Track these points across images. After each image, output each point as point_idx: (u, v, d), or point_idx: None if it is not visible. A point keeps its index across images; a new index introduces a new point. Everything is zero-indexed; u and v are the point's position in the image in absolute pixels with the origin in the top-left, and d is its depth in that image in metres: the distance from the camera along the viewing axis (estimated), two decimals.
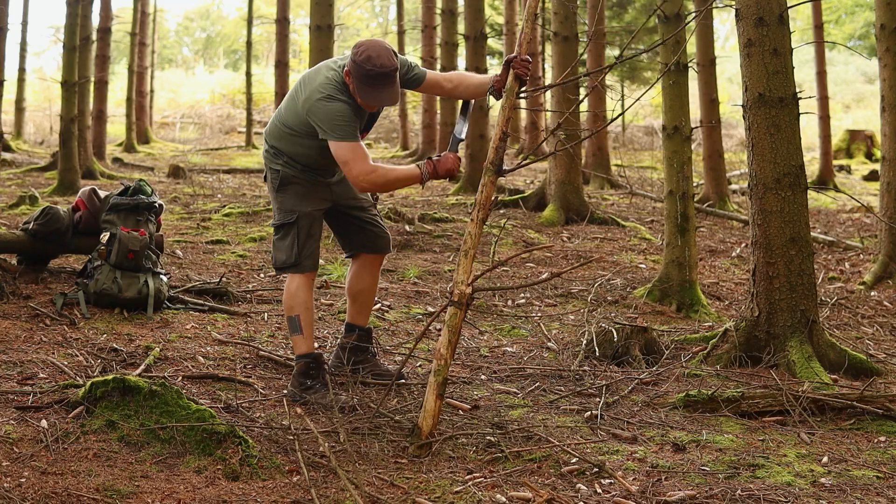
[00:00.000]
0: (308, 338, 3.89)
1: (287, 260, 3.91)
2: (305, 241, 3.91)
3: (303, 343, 3.89)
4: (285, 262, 3.92)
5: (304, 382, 3.85)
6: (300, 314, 3.87)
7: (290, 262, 3.91)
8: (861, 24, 34.77)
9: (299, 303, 3.89)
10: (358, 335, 4.19)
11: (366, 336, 4.22)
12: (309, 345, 3.90)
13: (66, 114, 10.30)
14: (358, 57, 3.64)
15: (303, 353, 3.89)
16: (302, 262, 3.91)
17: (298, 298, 3.89)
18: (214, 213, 9.20)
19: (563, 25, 9.55)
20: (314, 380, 3.85)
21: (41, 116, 23.59)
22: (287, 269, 3.94)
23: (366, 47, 3.66)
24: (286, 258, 3.91)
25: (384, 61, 3.63)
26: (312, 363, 3.88)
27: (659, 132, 9.54)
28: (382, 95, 3.69)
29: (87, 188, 5.65)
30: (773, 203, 4.58)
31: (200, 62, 47.28)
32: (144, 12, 21.87)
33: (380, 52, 3.65)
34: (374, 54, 3.63)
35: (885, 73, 6.87)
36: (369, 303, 4.23)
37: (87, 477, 2.92)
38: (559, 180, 9.56)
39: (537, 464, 3.19)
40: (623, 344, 4.67)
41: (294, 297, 3.90)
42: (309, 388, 3.83)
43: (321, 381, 3.84)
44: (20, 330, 4.57)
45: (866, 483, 3.08)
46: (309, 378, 3.85)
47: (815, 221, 10.48)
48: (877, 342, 5.28)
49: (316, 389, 3.82)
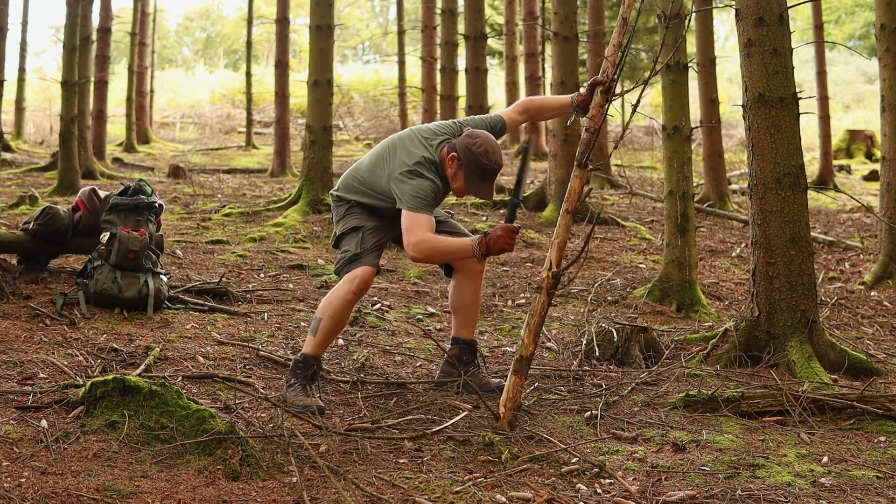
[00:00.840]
0: (317, 343, 3.89)
1: (350, 252, 3.87)
2: (369, 237, 3.90)
3: (310, 344, 3.91)
4: (346, 258, 3.87)
5: (289, 379, 3.91)
6: (324, 320, 3.85)
7: (354, 254, 3.86)
8: (861, 24, 34.77)
9: (331, 310, 3.85)
10: (460, 349, 4.18)
11: (468, 349, 4.18)
12: (314, 349, 3.90)
13: (66, 114, 10.30)
14: (477, 149, 3.79)
15: (304, 352, 3.92)
16: (364, 254, 3.86)
17: (333, 306, 3.85)
18: (214, 213, 9.20)
19: (563, 25, 9.55)
20: (297, 379, 3.88)
21: (41, 116, 23.59)
22: (351, 263, 3.86)
23: (483, 141, 3.81)
24: (350, 250, 3.87)
25: (498, 159, 3.83)
26: (302, 363, 3.90)
27: (659, 132, 9.54)
28: (488, 189, 3.86)
29: (87, 188, 5.65)
30: (773, 203, 4.58)
31: (200, 62, 47.29)
32: (144, 12, 21.86)
33: (496, 148, 3.83)
34: (492, 150, 3.81)
35: (885, 73, 6.88)
36: (472, 315, 4.18)
37: (87, 477, 2.92)
38: (559, 180, 9.56)
39: (537, 464, 3.20)
40: (623, 344, 4.67)
41: (331, 303, 3.86)
42: (291, 385, 3.88)
43: (301, 382, 3.86)
44: (20, 330, 4.57)
45: (866, 483, 3.08)
46: (294, 376, 3.90)
47: (815, 221, 10.48)
48: (877, 342, 5.28)
49: (294, 388, 3.86)
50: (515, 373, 3.56)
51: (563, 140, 9.56)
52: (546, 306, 3.59)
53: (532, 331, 3.56)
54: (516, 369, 3.56)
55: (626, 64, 4.86)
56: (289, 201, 9.56)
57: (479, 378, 4.13)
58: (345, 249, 3.93)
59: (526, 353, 3.56)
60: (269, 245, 7.52)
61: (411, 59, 20.29)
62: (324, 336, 3.87)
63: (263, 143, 22.18)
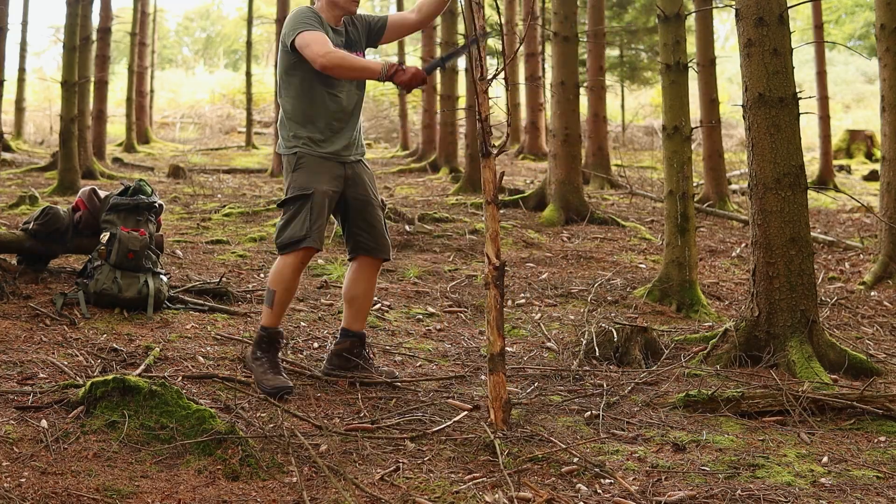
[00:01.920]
0: (275, 315, 4.02)
1: (296, 235, 3.90)
2: (317, 216, 3.91)
3: (268, 316, 4.03)
4: (293, 237, 3.91)
5: (255, 353, 4.02)
6: (277, 291, 3.98)
7: (300, 236, 3.89)
8: (861, 24, 34.77)
9: (282, 280, 3.97)
10: (351, 342, 4.20)
11: (359, 342, 4.23)
12: (272, 321, 4.03)
13: (66, 114, 10.30)
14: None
15: (264, 325, 4.05)
16: (311, 236, 3.90)
17: (283, 276, 3.97)
18: (214, 213, 9.20)
19: (563, 25, 9.55)
20: (264, 353, 4.00)
21: (41, 116, 23.60)
22: (294, 244, 3.91)
23: None
24: (296, 233, 3.90)
25: None
26: (266, 337, 4.02)
27: (659, 132, 9.54)
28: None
29: (87, 188, 5.65)
30: (773, 203, 4.58)
31: (200, 62, 47.29)
32: (144, 12, 21.87)
33: None
34: None
35: (885, 73, 6.87)
36: (365, 308, 4.23)
37: (87, 477, 2.92)
38: (559, 180, 9.56)
39: (537, 464, 3.19)
40: (623, 344, 4.67)
41: (280, 273, 3.97)
42: (257, 358, 3.99)
43: (269, 357, 3.99)
44: (20, 330, 4.57)
45: (866, 483, 3.08)
46: (260, 349, 4.01)
47: (815, 221, 10.48)
48: (877, 342, 5.28)
49: (262, 363, 3.97)
50: (492, 371, 3.52)
51: (563, 140, 9.56)
52: (499, 300, 3.54)
53: (493, 327, 3.52)
54: (491, 368, 3.52)
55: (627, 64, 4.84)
56: None
57: (372, 368, 4.22)
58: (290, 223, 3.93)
59: (495, 350, 3.52)
60: (269, 245, 7.52)
61: (411, 59, 20.29)
62: (280, 307, 4.01)
63: (263, 143, 22.18)
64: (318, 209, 3.91)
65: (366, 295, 4.20)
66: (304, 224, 3.90)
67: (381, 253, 4.14)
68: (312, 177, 3.93)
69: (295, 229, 3.91)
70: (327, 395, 3.97)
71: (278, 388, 3.84)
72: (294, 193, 3.93)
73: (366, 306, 4.23)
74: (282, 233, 3.95)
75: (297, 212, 3.92)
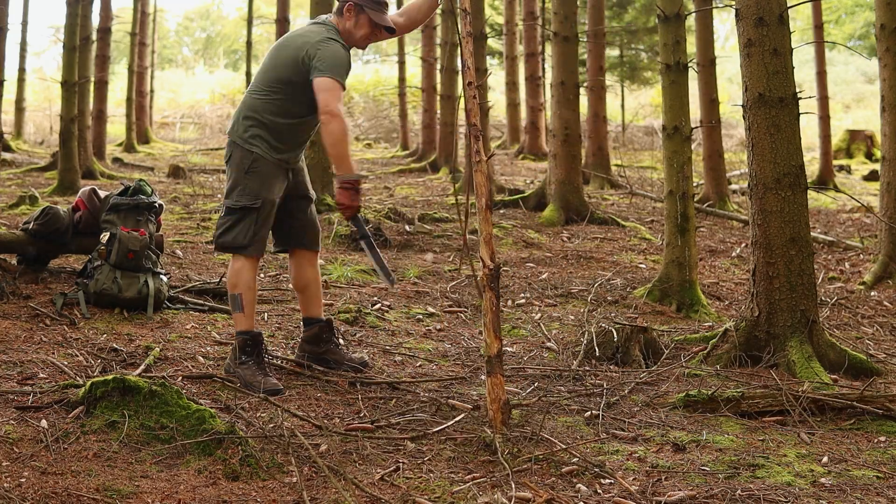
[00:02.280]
0: (248, 316, 4.07)
1: (239, 242, 4.02)
2: (262, 227, 4.04)
3: (243, 321, 4.07)
4: (234, 244, 4.03)
5: (240, 358, 4.03)
6: (242, 293, 4.04)
7: (241, 244, 4.02)
8: (861, 24, 34.77)
9: (243, 282, 4.04)
10: (319, 327, 4.30)
11: (327, 327, 4.32)
12: (249, 323, 4.07)
13: (66, 114, 10.29)
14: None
15: (241, 329, 4.08)
16: (254, 245, 4.03)
17: (242, 278, 4.04)
18: (214, 213, 9.19)
19: (563, 25, 9.55)
20: (249, 356, 4.03)
21: (41, 116, 23.60)
22: (236, 250, 4.05)
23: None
24: (238, 240, 4.02)
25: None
26: (250, 340, 4.06)
27: (659, 132, 9.54)
28: (388, 18, 4.12)
29: (87, 188, 5.65)
30: (773, 203, 4.58)
31: (200, 62, 47.28)
32: (144, 12, 21.86)
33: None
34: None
35: (885, 73, 6.87)
36: (318, 294, 4.35)
37: (87, 477, 2.92)
38: (559, 180, 9.56)
39: (537, 464, 3.19)
40: (623, 344, 4.67)
41: (238, 276, 4.05)
42: (243, 363, 4.01)
43: (255, 360, 4.02)
44: (20, 330, 4.57)
45: (866, 483, 3.08)
46: (244, 354, 4.04)
47: (815, 221, 10.48)
48: (877, 342, 5.28)
49: (249, 367, 4.00)
50: (490, 374, 3.50)
51: (563, 140, 9.56)
52: (495, 302, 3.55)
53: (490, 329, 3.52)
54: (489, 370, 3.50)
55: (627, 64, 4.84)
56: None
57: (342, 354, 4.32)
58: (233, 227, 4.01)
59: (492, 352, 3.51)
60: (268, 245, 7.52)
61: (411, 59, 20.29)
62: (250, 307, 4.07)
63: None
64: (263, 219, 4.04)
65: (316, 281, 4.34)
66: (247, 233, 4.02)
67: (315, 245, 4.32)
68: (264, 185, 4.02)
69: (238, 236, 4.02)
70: (327, 395, 3.97)
71: (269, 390, 3.87)
72: (244, 203, 4.01)
73: (318, 291, 4.35)
74: (224, 234, 4.06)
75: (242, 218, 4.02)
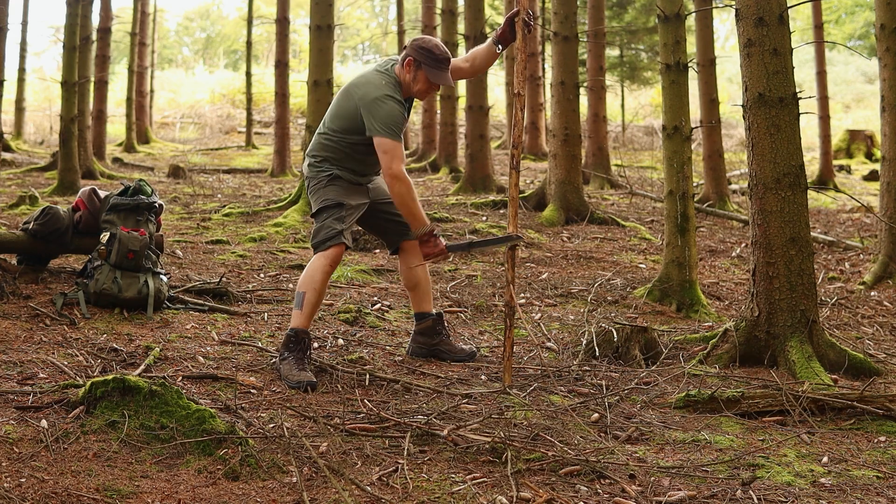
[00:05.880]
0: (304, 316, 4.17)
1: (331, 233, 4.17)
2: (348, 220, 4.22)
3: (298, 318, 4.19)
4: (328, 236, 4.17)
5: (283, 353, 4.16)
6: (307, 293, 4.16)
7: (334, 233, 4.17)
8: (861, 24, 34.78)
9: (313, 283, 4.16)
10: (432, 320, 4.54)
11: (439, 320, 4.56)
12: (302, 322, 4.18)
13: (66, 114, 10.30)
14: (427, 44, 4.22)
15: (293, 326, 4.19)
16: (344, 233, 4.17)
17: (315, 279, 4.16)
18: (214, 213, 9.20)
19: (563, 25, 9.55)
20: (290, 352, 4.13)
21: (41, 116, 23.60)
22: (329, 240, 4.16)
23: (429, 38, 4.28)
24: (330, 232, 4.17)
25: (446, 49, 4.30)
26: (294, 337, 4.16)
27: (659, 132, 9.54)
28: (447, 76, 4.26)
29: (87, 188, 5.65)
30: (773, 203, 4.58)
31: (200, 62, 47.27)
32: (144, 12, 21.87)
33: (439, 42, 4.30)
34: (440, 43, 4.29)
35: (885, 73, 6.87)
36: (428, 290, 4.57)
37: (87, 477, 2.92)
38: (559, 180, 9.56)
39: (537, 464, 3.19)
40: (623, 344, 4.67)
41: (311, 277, 4.17)
42: (284, 358, 4.13)
43: (295, 356, 4.12)
44: (20, 330, 4.57)
45: (866, 483, 3.08)
46: (287, 349, 4.15)
47: (815, 221, 10.48)
48: (877, 342, 5.28)
49: (288, 361, 4.11)
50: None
51: (563, 140, 9.56)
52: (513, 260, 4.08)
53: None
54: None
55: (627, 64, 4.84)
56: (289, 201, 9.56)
57: (453, 345, 4.55)
58: (325, 224, 4.20)
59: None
60: (269, 245, 7.53)
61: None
62: (310, 308, 4.17)
63: (263, 143, 22.19)
64: (349, 215, 4.22)
65: (425, 278, 4.55)
66: (329, 229, 4.19)
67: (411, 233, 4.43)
68: (344, 193, 4.26)
69: (330, 230, 4.17)
70: (327, 395, 3.97)
71: (302, 381, 3.98)
72: (328, 203, 4.21)
73: (428, 286, 4.58)
74: (317, 234, 4.23)
75: (330, 216, 4.20)
